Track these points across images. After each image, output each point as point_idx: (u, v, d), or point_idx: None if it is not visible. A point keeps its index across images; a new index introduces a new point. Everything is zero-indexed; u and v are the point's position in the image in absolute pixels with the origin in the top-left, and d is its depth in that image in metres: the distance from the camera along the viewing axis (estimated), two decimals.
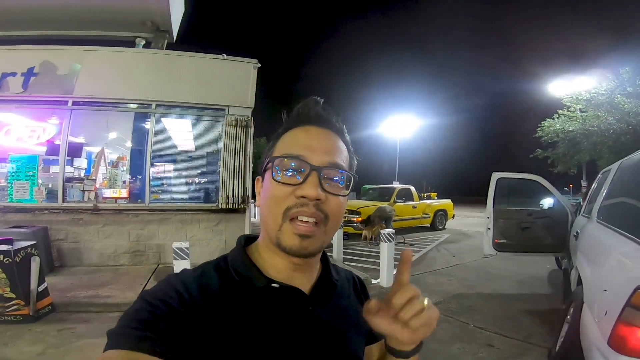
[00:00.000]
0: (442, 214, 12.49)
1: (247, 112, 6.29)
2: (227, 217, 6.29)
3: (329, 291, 0.64)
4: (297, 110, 0.62)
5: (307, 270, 0.61)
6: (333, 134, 0.60)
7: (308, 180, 0.54)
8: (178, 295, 0.50)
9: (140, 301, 0.49)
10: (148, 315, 0.47)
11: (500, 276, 5.86)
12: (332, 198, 0.55)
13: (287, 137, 0.60)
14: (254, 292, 0.55)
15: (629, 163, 3.20)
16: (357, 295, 0.73)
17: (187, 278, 0.54)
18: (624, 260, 2.09)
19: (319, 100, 0.63)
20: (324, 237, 0.56)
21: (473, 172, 55.73)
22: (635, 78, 13.90)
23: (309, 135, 0.58)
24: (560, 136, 16.82)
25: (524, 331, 3.54)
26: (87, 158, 7.16)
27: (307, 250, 0.54)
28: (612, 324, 1.68)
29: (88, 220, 5.90)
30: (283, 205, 0.54)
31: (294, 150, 0.56)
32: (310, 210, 0.53)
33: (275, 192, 0.55)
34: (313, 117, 0.60)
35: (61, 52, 5.89)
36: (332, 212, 0.56)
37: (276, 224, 0.54)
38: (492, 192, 5.06)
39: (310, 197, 0.53)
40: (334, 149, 0.58)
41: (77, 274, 5.27)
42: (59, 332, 3.36)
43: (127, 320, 0.47)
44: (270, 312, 0.55)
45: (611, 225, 2.71)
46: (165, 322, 0.47)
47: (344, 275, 0.73)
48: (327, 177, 0.56)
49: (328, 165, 0.56)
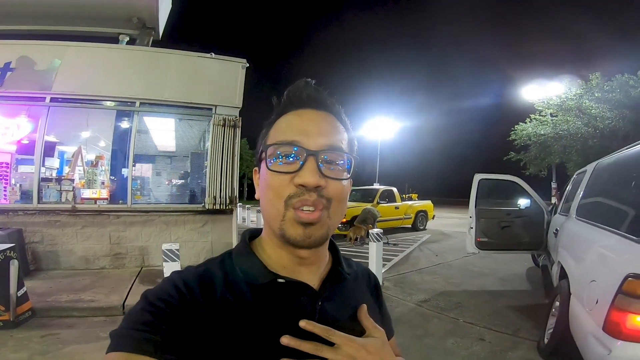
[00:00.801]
0: (423, 215, 12.77)
1: (235, 112, 6.22)
2: (214, 218, 6.18)
3: (339, 286, 0.61)
4: (288, 93, 0.58)
5: (314, 263, 0.59)
6: (329, 115, 0.57)
7: (305, 167, 0.51)
8: (180, 294, 0.49)
9: (143, 301, 0.48)
10: (150, 316, 0.46)
11: (483, 274, 6.06)
12: (333, 183, 0.53)
13: (280, 123, 0.57)
14: (259, 288, 0.53)
15: (603, 165, 3.42)
16: (371, 292, 0.70)
17: (190, 276, 0.53)
18: (609, 251, 2.23)
19: (310, 81, 0.59)
20: (329, 222, 0.53)
21: (450, 174, 57.33)
22: (603, 84, 14.75)
23: (303, 119, 0.55)
24: (532, 139, 17.65)
25: (512, 325, 3.68)
26: (59, 157, 6.86)
27: (311, 238, 0.52)
28: (606, 311, 1.80)
29: (65, 221, 5.65)
30: (284, 194, 0.51)
31: (288, 136, 0.53)
32: (312, 197, 0.51)
33: (272, 182, 0.52)
34: (306, 100, 0.57)
35: (40, 47, 5.63)
36: (335, 196, 0.53)
37: (279, 213, 0.52)
38: (474, 193, 5.22)
39: (309, 184, 0.50)
40: (330, 131, 0.55)
41: (55, 278, 5.03)
42: (43, 338, 3.19)
43: (129, 322, 0.46)
44: (276, 309, 0.52)
45: (591, 221, 2.89)
46: (168, 323, 0.46)
47: (358, 270, 0.70)
48: (325, 161, 0.53)
49: (326, 149, 0.53)
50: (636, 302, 1.67)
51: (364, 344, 0.52)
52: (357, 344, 0.51)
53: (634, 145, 2.61)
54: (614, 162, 3.06)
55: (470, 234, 5.19)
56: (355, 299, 0.62)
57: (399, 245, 8.96)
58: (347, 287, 0.62)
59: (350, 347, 0.50)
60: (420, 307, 4.29)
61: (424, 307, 4.29)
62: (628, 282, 1.73)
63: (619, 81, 14.33)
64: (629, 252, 1.90)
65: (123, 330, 0.45)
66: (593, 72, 15.23)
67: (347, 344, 0.50)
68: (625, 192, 2.50)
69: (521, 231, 5.09)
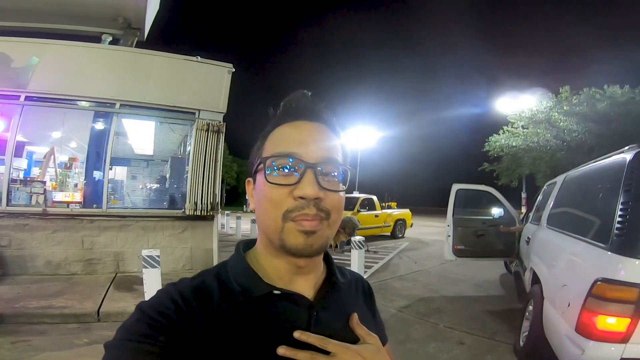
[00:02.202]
0: (402, 223, 13.01)
1: (219, 117, 6.16)
2: (194, 224, 6.07)
3: (334, 295, 0.61)
4: (285, 104, 0.58)
5: (310, 272, 0.59)
6: (325, 127, 0.57)
7: (304, 179, 0.51)
8: (177, 306, 0.49)
9: (138, 312, 0.48)
10: (147, 328, 0.45)
11: (459, 280, 6.24)
12: (330, 194, 0.53)
13: (277, 135, 0.56)
14: (256, 300, 0.53)
15: (572, 177, 3.65)
16: (365, 300, 0.71)
17: (186, 288, 0.52)
18: (579, 258, 2.39)
19: (307, 92, 0.60)
20: (328, 232, 0.54)
21: (428, 183, 58.75)
22: (572, 97, 15.54)
23: (301, 131, 0.55)
24: (504, 151, 18.38)
25: (489, 329, 3.82)
26: (27, 158, 6.56)
27: (312, 248, 0.52)
28: (577, 314, 1.92)
29: (35, 225, 5.38)
30: (282, 208, 0.51)
31: (286, 148, 0.53)
32: (312, 211, 0.51)
33: (271, 195, 0.52)
34: (302, 111, 0.57)
35: (18, 44, 5.39)
36: (333, 208, 0.54)
37: (277, 226, 0.52)
38: (452, 202, 5.38)
39: (309, 196, 0.50)
40: (327, 143, 0.56)
41: (23, 283, 4.77)
42: (13, 344, 3.04)
43: (125, 333, 0.45)
44: (273, 321, 0.52)
45: (561, 230, 3.07)
46: (166, 335, 0.45)
47: (351, 278, 0.70)
48: (323, 174, 0.53)
49: (323, 161, 0.53)
50: (605, 304, 1.81)
51: (359, 350, 0.53)
52: (352, 351, 0.52)
53: (600, 160, 2.82)
54: (582, 175, 3.27)
55: (447, 242, 5.33)
56: (350, 307, 0.63)
57: (379, 253, 9.09)
58: (341, 296, 0.63)
59: (346, 355, 0.51)
60: (402, 312, 4.38)
61: (405, 312, 4.39)
62: (597, 286, 1.87)
63: (586, 95, 15.04)
64: (597, 258, 2.04)
65: (119, 342, 0.44)
66: (563, 86, 15.98)
67: (342, 351, 0.52)
68: (593, 203, 2.68)
69: (495, 239, 5.30)
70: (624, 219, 1.88)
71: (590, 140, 14.85)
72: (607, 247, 1.95)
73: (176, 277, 0.72)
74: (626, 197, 1.93)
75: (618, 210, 1.92)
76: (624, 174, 2.03)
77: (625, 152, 2.20)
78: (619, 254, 1.83)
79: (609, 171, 2.38)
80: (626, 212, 1.88)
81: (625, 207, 1.90)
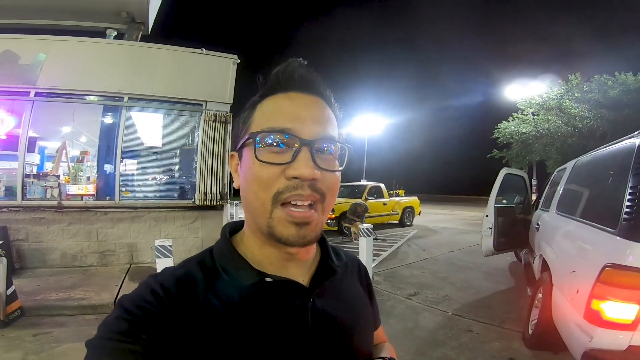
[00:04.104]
0: (410, 211, 12.99)
1: (226, 107, 6.20)
2: (204, 214, 6.17)
3: (330, 280, 0.57)
4: (277, 73, 0.52)
5: (303, 257, 0.55)
6: (320, 101, 0.52)
7: (299, 158, 0.47)
8: (158, 299, 0.45)
9: (119, 309, 0.45)
10: (127, 325, 0.43)
11: (468, 268, 6.25)
12: (327, 175, 0.49)
13: (267, 106, 0.51)
14: (245, 289, 0.49)
15: (582, 162, 3.60)
16: (361, 283, 0.68)
17: (168, 279, 0.48)
18: (588, 244, 2.38)
19: (303, 61, 0.53)
20: (322, 218, 0.50)
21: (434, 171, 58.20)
22: (583, 84, 15.24)
23: (295, 104, 0.50)
24: (514, 138, 18.10)
25: (498, 317, 3.83)
26: (40, 153, 6.68)
27: (306, 239, 0.48)
28: (586, 300, 1.93)
29: (51, 218, 5.54)
30: (272, 189, 0.47)
31: (278, 123, 0.48)
32: (306, 192, 0.47)
33: (260, 174, 0.47)
34: (297, 81, 0.51)
35: (25, 41, 5.46)
36: (329, 189, 0.49)
37: (265, 210, 0.48)
38: (497, 190, 4.81)
39: (305, 177, 0.46)
40: (323, 119, 0.51)
41: (42, 276, 4.94)
42: (35, 337, 3.15)
43: (105, 331, 0.43)
44: (265, 311, 0.49)
45: (571, 216, 3.05)
46: (147, 332, 0.43)
47: (347, 260, 0.66)
48: (319, 152, 0.49)
49: (320, 138, 0.49)
50: (614, 291, 1.81)
51: None
52: None
53: (610, 145, 2.78)
54: (592, 160, 3.23)
55: (487, 234, 4.74)
56: (347, 292, 0.60)
57: (387, 241, 9.13)
58: (338, 281, 0.59)
59: None
60: (410, 300, 4.42)
61: (414, 300, 4.43)
62: (605, 272, 1.86)
63: (598, 82, 14.80)
64: (606, 244, 2.03)
65: (99, 341, 0.42)
66: (573, 73, 15.68)
67: None
68: (602, 188, 2.65)
69: (522, 228, 4.92)
70: (632, 204, 1.86)
71: (602, 127, 14.59)
72: (615, 232, 1.94)
73: None
74: (635, 182, 1.90)
75: (627, 195, 1.90)
76: (633, 158, 2.00)
77: (635, 137, 2.16)
78: (628, 239, 1.82)
79: (619, 156, 2.34)
80: (635, 196, 1.86)
81: (634, 191, 1.88)
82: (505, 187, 5.02)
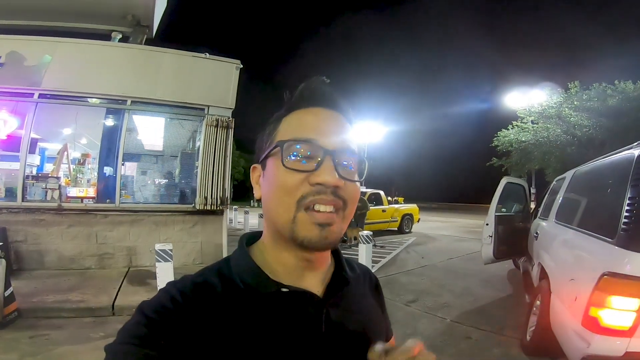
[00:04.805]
0: (409, 218, 13.00)
1: (228, 112, 6.24)
2: (204, 218, 6.18)
3: (344, 291, 0.58)
4: (302, 89, 0.56)
5: (320, 267, 0.56)
6: (341, 117, 0.55)
7: (323, 166, 0.49)
8: (177, 306, 0.47)
9: (138, 314, 0.46)
10: (146, 330, 0.44)
11: (467, 275, 6.25)
12: (349, 184, 0.51)
13: (292, 120, 0.54)
14: (262, 299, 0.50)
15: (581, 172, 3.64)
16: (372, 293, 0.69)
17: (187, 287, 0.50)
18: (586, 252, 2.40)
19: (325, 79, 0.57)
20: (342, 225, 0.52)
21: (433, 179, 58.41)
22: (582, 93, 15.31)
23: (318, 118, 0.53)
24: (513, 146, 18.13)
25: (496, 324, 3.84)
26: (40, 154, 6.70)
27: (327, 240, 0.49)
28: (584, 308, 1.95)
29: (51, 220, 5.53)
30: (297, 194, 0.49)
31: (303, 134, 0.51)
32: (329, 197, 0.49)
33: (285, 180, 0.49)
34: (320, 98, 0.55)
35: (31, 42, 5.52)
36: (350, 198, 0.51)
37: (288, 214, 0.49)
38: (497, 198, 4.81)
39: (328, 184, 0.48)
40: (344, 133, 0.54)
41: (40, 278, 4.93)
42: (32, 339, 3.15)
43: (125, 336, 0.44)
44: (281, 321, 0.50)
45: (570, 225, 3.07)
46: (166, 338, 0.44)
47: (360, 272, 0.68)
48: (340, 162, 0.51)
49: (342, 149, 0.51)
50: (611, 298, 1.83)
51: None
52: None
53: (609, 155, 2.81)
54: (591, 170, 3.26)
55: (487, 242, 4.76)
56: (360, 302, 0.62)
57: (386, 248, 9.12)
58: (351, 292, 0.60)
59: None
60: (409, 307, 4.43)
61: (413, 307, 4.43)
62: (603, 280, 1.89)
63: (597, 90, 14.86)
64: (604, 253, 2.06)
65: (119, 346, 0.43)
66: (572, 81, 15.76)
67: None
68: (601, 198, 2.68)
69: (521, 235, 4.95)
70: (630, 214, 1.89)
71: (601, 135, 14.61)
72: (613, 242, 1.96)
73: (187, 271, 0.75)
74: (633, 192, 1.93)
75: (625, 205, 1.93)
76: (631, 169, 2.03)
77: (634, 148, 2.20)
78: (626, 249, 1.85)
79: (617, 167, 2.38)
80: (633, 207, 1.89)
81: (632, 202, 1.91)
82: (505, 195, 5.05)
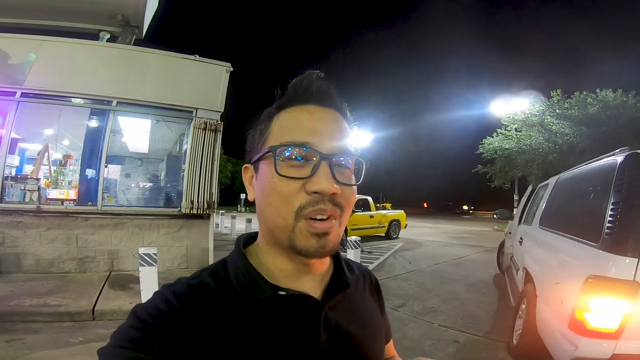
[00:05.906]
0: (396, 224, 13.08)
1: (217, 115, 6.17)
2: (190, 222, 6.06)
3: (343, 294, 0.56)
4: (295, 85, 0.52)
5: (318, 270, 0.55)
6: (337, 115, 0.52)
7: (319, 172, 0.47)
8: (172, 309, 0.46)
9: (132, 317, 0.45)
10: (140, 334, 0.43)
11: (453, 280, 6.31)
12: (346, 189, 0.49)
13: (285, 119, 0.51)
14: (259, 302, 0.49)
15: (564, 178, 3.73)
16: (372, 295, 0.67)
17: (182, 290, 0.49)
18: (571, 256, 2.45)
19: (320, 74, 0.53)
20: (339, 231, 0.50)
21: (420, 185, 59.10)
22: (564, 101, 15.77)
23: (313, 117, 0.50)
24: (498, 153, 18.54)
25: (483, 328, 3.88)
26: (20, 155, 6.48)
27: (325, 249, 0.48)
28: (570, 310, 1.98)
29: (29, 223, 5.35)
30: (294, 204, 0.47)
31: (298, 137, 0.48)
32: (327, 207, 0.47)
33: (281, 188, 0.47)
34: (314, 94, 0.51)
35: (16, 40, 5.36)
36: (347, 203, 0.50)
37: (287, 224, 0.47)
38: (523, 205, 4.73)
39: (326, 192, 0.46)
40: (341, 133, 0.51)
41: (17, 281, 4.73)
42: (8, 343, 3.02)
43: (118, 339, 0.43)
44: (278, 325, 0.49)
45: (554, 230, 3.14)
46: (160, 341, 0.43)
47: (359, 273, 0.66)
48: (337, 166, 0.49)
49: (338, 152, 0.49)
50: (597, 301, 1.86)
51: None
52: None
53: (592, 162, 2.89)
54: (574, 176, 3.35)
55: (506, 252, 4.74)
56: (360, 305, 0.60)
57: (374, 253, 9.14)
58: (350, 294, 0.58)
59: None
60: (397, 311, 4.43)
61: (401, 311, 4.44)
62: (589, 283, 1.92)
63: (577, 99, 15.29)
64: (589, 257, 2.10)
65: (112, 349, 0.42)
66: (555, 89, 16.19)
67: None
68: (584, 204, 2.75)
69: None
70: (614, 219, 1.93)
71: (582, 143, 15.03)
72: (598, 246, 2.01)
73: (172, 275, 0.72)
74: (616, 198, 1.99)
75: (609, 210, 1.98)
76: (614, 175, 2.09)
77: (616, 155, 2.27)
78: (610, 252, 1.89)
79: (600, 173, 2.44)
80: (616, 212, 1.94)
81: (615, 207, 1.96)
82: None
